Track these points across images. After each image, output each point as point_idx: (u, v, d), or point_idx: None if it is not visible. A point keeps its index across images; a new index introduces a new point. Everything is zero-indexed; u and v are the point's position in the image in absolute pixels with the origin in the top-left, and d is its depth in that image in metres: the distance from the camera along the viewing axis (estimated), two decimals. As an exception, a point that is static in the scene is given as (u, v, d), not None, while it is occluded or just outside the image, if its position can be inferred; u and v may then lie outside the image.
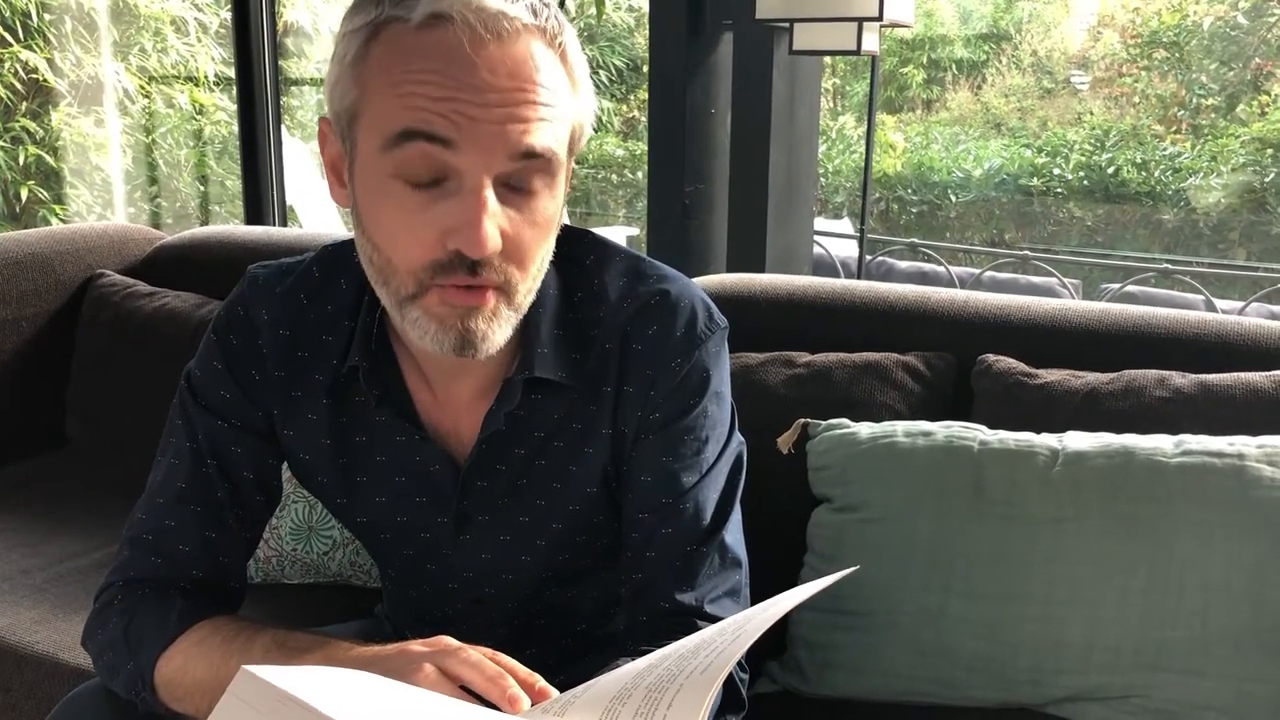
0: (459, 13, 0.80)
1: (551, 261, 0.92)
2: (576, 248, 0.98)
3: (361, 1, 0.85)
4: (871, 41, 2.22)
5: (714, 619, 0.94)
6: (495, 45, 0.81)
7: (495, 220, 0.82)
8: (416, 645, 0.80)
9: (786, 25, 2.30)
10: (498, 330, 0.87)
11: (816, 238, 3.39)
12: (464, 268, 0.83)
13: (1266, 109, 6.76)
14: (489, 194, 0.82)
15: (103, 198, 5.16)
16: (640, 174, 7.33)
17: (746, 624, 0.70)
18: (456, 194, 0.82)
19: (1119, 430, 1.29)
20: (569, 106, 0.86)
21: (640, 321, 0.96)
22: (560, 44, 0.85)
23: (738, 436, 1.02)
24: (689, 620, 0.95)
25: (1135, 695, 1.19)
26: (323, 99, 0.91)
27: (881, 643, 1.26)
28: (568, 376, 0.96)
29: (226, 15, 5.03)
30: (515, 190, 0.84)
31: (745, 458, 1.03)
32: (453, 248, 0.82)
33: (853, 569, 0.81)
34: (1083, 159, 7.11)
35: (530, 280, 0.88)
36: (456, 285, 0.84)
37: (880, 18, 2.13)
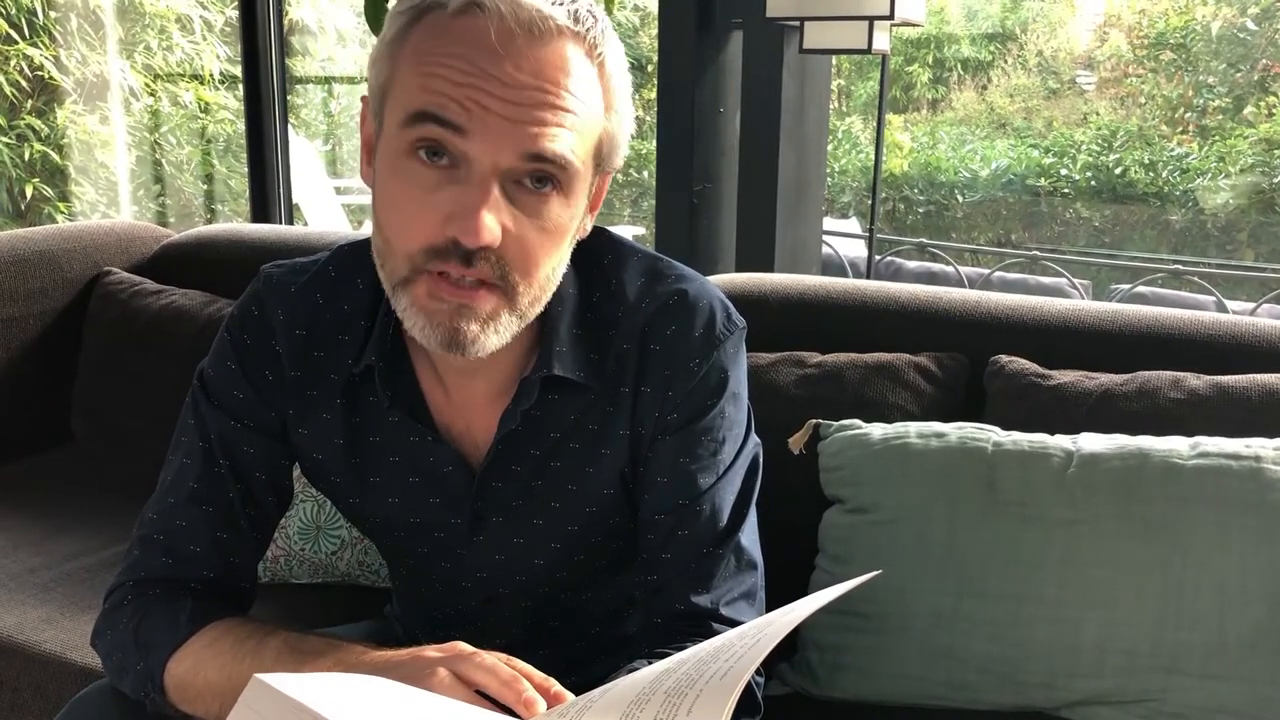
0: (493, 3, 0.81)
1: (569, 259, 0.91)
2: (592, 246, 0.97)
3: None
4: (882, 40, 2.21)
5: (730, 622, 0.94)
6: (525, 41, 0.81)
7: (496, 213, 0.82)
8: (430, 650, 0.79)
9: (797, 24, 2.29)
10: (492, 335, 0.86)
11: (824, 237, 3.37)
12: (458, 256, 0.82)
13: (1274, 110, 6.74)
14: (493, 186, 0.82)
15: (107, 195, 5.16)
16: (646, 173, 7.30)
17: (767, 628, 0.69)
18: (464, 182, 0.82)
19: (1133, 432, 1.28)
20: (597, 119, 0.86)
21: (658, 322, 0.95)
22: (600, 56, 0.85)
23: (754, 438, 1.02)
24: (704, 623, 0.94)
25: (1150, 699, 1.18)
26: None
27: (893, 645, 1.25)
28: (586, 376, 0.95)
29: (232, 13, 5.03)
30: (527, 190, 0.83)
31: (761, 459, 1.02)
32: (450, 234, 0.82)
33: (875, 574, 0.80)
34: (1090, 159, 7.08)
35: (537, 289, 0.87)
36: (447, 276, 0.83)
37: (891, 16, 2.12)
